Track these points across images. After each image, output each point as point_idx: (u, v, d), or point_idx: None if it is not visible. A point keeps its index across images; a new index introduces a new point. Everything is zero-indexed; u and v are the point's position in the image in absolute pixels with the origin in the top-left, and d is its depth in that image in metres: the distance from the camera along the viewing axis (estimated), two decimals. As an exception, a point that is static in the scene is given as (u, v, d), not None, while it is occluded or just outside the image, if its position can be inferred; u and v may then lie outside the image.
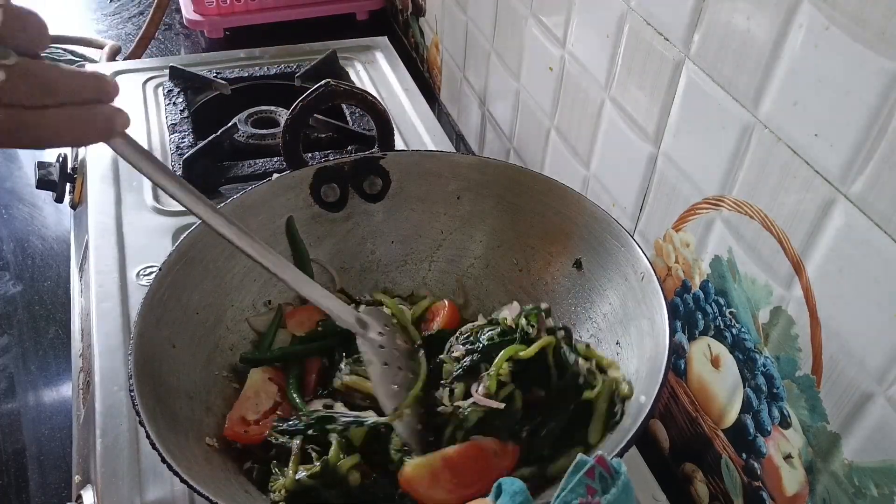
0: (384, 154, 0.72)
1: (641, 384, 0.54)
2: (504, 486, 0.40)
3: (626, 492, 0.39)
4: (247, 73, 1.07)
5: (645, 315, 0.57)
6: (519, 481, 0.40)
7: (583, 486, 0.39)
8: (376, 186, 0.72)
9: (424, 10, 1.24)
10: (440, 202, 0.72)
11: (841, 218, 0.48)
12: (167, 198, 0.87)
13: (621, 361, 0.60)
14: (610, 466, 0.40)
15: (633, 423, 0.50)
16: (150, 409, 0.51)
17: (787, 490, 0.58)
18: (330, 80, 0.71)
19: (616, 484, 0.39)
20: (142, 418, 0.50)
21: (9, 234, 1.07)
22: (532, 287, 0.70)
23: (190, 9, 1.36)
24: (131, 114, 0.47)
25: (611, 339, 0.62)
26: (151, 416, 0.51)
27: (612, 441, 0.53)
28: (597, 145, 0.77)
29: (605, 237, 0.63)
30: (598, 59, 0.73)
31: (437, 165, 0.72)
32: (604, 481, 0.40)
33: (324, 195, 0.71)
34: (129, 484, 0.60)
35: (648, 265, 0.58)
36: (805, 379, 0.54)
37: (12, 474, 0.79)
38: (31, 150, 0.45)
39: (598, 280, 0.64)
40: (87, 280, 0.79)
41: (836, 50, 0.46)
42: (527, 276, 0.70)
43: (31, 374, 0.89)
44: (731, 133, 0.57)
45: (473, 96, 1.08)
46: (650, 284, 0.57)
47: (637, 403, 0.53)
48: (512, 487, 0.40)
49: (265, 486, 0.56)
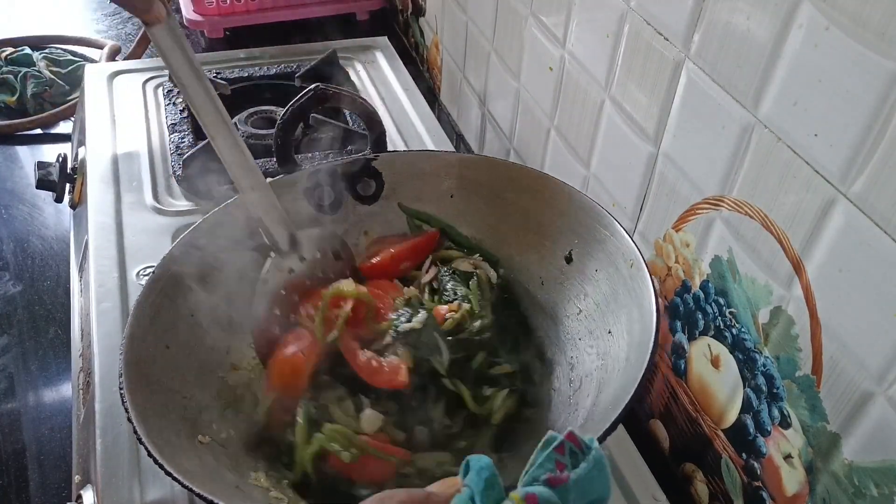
0: (376, 155, 0.72)
1: (631, 370, 0.54)
2: (471, 463, 0.40)
3: (598, 467, 0.38)
4: (247, 73, 1.07)
5: (634, 302, 0.58)
6: (486, 458, 0.40)
7: (552, 462, 0.39)
8: (370, 188, 0.72)
9: (424, 10, 1.24)
10: (434, 201, 0.73)
11: (841, 218, 0.48)
12: (167, 198, 0.87)
13: (613, 349, 0.60)
14: (581, 442, 0.39)
15: (615, 407, 0.50)
16: (139, 408, 0.51)
17: (787, 490, 0.58)
18: (320, 84, 0.71)
19: (587, 458, 0.39)
20: (130, 415, 0.50)
21: (9, 234, 1.07)
22: (524, 285, 0.70)
23: (190, 9, 1.36)
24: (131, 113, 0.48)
25: (603, 328, 0.62)
26: (141, 415, 0.51)
27: (592, 425, 0.53)
28: (597, 145, 0.77)
29: (595, 227, 0.64)
30: (598, 59, 0.73)
31: (430, 164, 0.72)
32: (574, 457, 0.39)
33: (318, 198, 0.71)
34: (129, 484, 0.60)
35: (637, 252, 0.59)
36: (805, 379, 0.54)
37: (12, 474, 0.79)
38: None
39: (590, 271, 0.64)
40: (86, 280, 0.79)
41: (836, 50, 0.46)
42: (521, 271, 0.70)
43: (31, 374, 0.89)
44: (731, 133, 0.57)
45: (473, 96, 1.08)
46: (639, 272, 0.58)
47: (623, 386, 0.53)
48: (479, 464, 0.40)
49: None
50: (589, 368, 0.62)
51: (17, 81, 1.31)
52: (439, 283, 0.69)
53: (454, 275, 0.69)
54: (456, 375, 0.61)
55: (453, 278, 0.68)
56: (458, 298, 0.66)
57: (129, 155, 0.93)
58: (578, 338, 0.65)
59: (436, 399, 0.60)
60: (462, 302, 0.65)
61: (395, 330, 0.61)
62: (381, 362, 0.59)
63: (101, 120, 0.98)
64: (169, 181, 0.90)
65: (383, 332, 0.62)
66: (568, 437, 0.39)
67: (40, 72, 1.32)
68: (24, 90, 1.30)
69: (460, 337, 0.63)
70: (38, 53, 1.36)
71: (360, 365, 0.59)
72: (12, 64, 1.34)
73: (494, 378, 0.63)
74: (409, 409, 0.59)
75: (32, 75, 1.31)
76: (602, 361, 0.61)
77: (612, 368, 0.59)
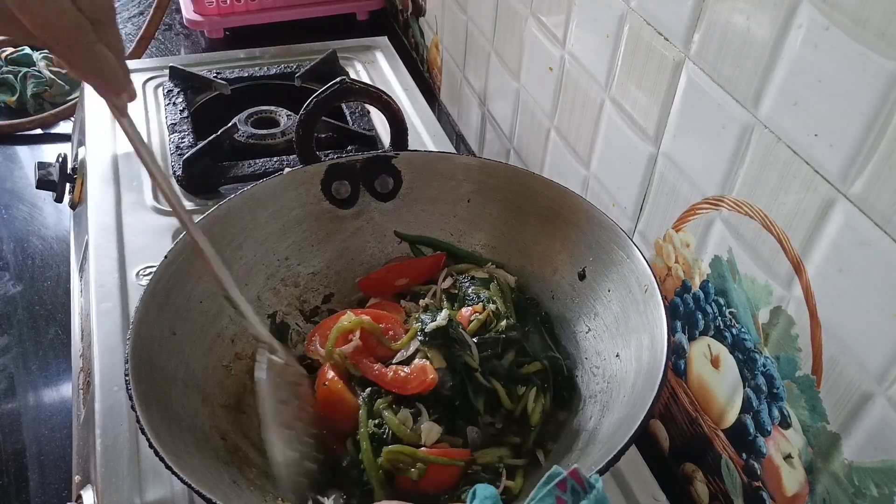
0: (397, 154, 0.72)
1: (636, 397, 0.54)
2: (478, 492, 0.40)
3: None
4: (247, 73, 1.07)
5: (646, 329, 0.57)
6: (491, 487, 0.40)
7: (552, 497, 0.38)
8: (388, 185, 0.72)
9: (424, 10, 1.24)
10: (450, 204, 0.72)
11: (841, 218, 0.48)
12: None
13: (620, 374, 0.59)
14: (584, 480, 0.39)
15: (622, 436, 0.50)
16: (143, 394, 0.51)
17: (787, 490, 0.58)
18: (345, 78, 0.71)
19: (588, 497, 0.38)
20: (133, 402, 0.50)
21: (9, 234, 1.07)
22: (537, 295, 0.70)
23: (190, 9, 1.36)
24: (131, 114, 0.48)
25: (611, 350, 0.62)
26: (144, 401, 0.51)
27: (598, 454, 0.53)
28: (597, 145, 0.77)
29: (611, 247, 0.63)
30: (598, 59, 0.73)
31: (449, 167, 0.72)
32: (576, 494, 0.39)
33: (335, 192, 0.71)
34: (129, 484, 0.60)
35: (652, 277, 0.58)
36: (805, 379, 0.54)
37: (12, 474, 0.79)
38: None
39: (603, 290, 0.64)
40: (87, 280, 0.79)
41: (836, 50, 0.46)
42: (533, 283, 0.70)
43: (31, 374, 0.89)
44: (731, 133, 0.57)
45: (473, 96, 1.08)
46: (653, 298, 0.57)
47: (628, 415, 0.53)
48: (485, 493, 0.40)
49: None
50: (594, 390, 0.62)
51: (17, 81, 1.31)
52: (459, 289, 0.68)
53: (473, 280, 0.68)
54: (488, 373, 0.61)
55: (473, 283, 0.68)
56: (482, 300, 0.65)
57: (129, 155, 0.93)
58: (585, 357, 0.65)
59: (475, 395, 0.60)
60: (486, 304, 0.65)
61: (423, 332, 0.61)
62: (407, 370, 0.59)
63: (101, 120, 0.98)
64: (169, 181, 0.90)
65: (405, 344, 0.62)
66: (571, 475, 0.39)
67: (40, 72, 1.32)
68: (24, 90, 1.30)
69: (487, 336, 0.62)
70: (39, 53, 1.36)
71: (389, 381, 0.59)
72: (12, 64, 1.34)
73: (525, 377, 0.63)
74: (454, 410, 0.59)
75: (32, 75, 1.31)
76: (608, 384, 0.60)
77: (617, 393, 0.58)
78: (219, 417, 0.59)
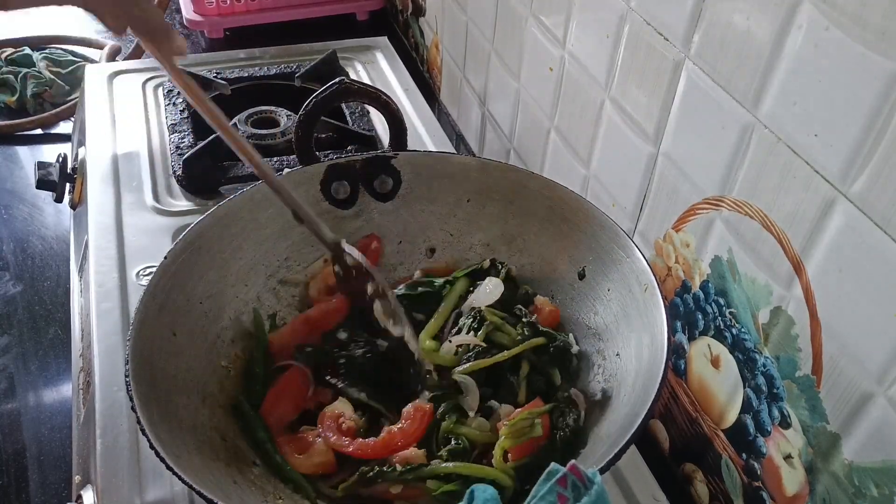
0: (396, 154, 0.72)
1: (637, 396, 0.54)
2: (476, 493, 0.40)
3: (599, 501, 0.39)
4: (247, 74, 1.07)
5: (646, 328, 0.57)
6: (491, 488, 0.40)
7: (553, 494, 0.39)
8: (387, 186, 0.72)
9: (424, 10, 1.24)
10: (449, 204, 0.72)
11: (841, 218, 0.48)
12: (167, 198, 0.87)
13: (620, 372, 0.59)
14: (583, 475, 0.39)
15: (622, 435, 0.50)
16: (144, 395, 0.51)
17: (787, 490, 0.58)
18: (345, 78, 0.71)
19: (589, 493, 0.39)
20: (134, 403, 0.50)
21: (9, 234, 1.07)
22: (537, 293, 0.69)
23: (190, 9, 1.36)
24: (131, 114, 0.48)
25: (612, 349, 0.62)
26: (145, 402, 0.51)
27: (599, 453, 0.53)
28: (597, 145, 0.77)
29: (611, 247, 0.63)
30: (598, 59, 0.73)
31: (449, 167, 0.72)
32: (576, 490, 0.39)
33: (334, 192, 0.71)
34: (129, 484, 0.60)
35: (652, 276, 0.58)
36: (805, 379, 0.54)
37: (12, 474, 0.79)
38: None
39: (603, 289, 0.64)
40: (86, 280, 0.79)
41: (836, 50, 0.46)
42: (533, 282, 0.70)
43: (31, 374, 0.89)
44: (731, 133, 0.57)
45: (473, 96, 1.08)
46: (653, 297, 0.57)
47: (628, 415, 0.53)
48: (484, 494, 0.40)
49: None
50: (594, 389, 0.62)
51: (17, 81, 1.31)
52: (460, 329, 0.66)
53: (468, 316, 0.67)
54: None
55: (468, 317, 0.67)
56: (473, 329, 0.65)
57: (129, 155, 0.93)
58: (585, 356, 0.65)
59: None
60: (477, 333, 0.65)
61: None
62: (394, 429, 0.59)
63: (101, 120, 0.98)
64: (169, 181, 0.90)
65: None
66: (571, 470, 0.39)
67: (40, 72, 1.33)
68: (24, 90, 1.30)
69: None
70: (39, 54, 1.37)
71: (378, 449, 0.58)
72: (12, 64, 1.35)
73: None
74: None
75: (32, 75, 1.31)
76: (608, 384, 0.61)
77: (617, 392, 0.58)
78: (219, 418, 0.59)
